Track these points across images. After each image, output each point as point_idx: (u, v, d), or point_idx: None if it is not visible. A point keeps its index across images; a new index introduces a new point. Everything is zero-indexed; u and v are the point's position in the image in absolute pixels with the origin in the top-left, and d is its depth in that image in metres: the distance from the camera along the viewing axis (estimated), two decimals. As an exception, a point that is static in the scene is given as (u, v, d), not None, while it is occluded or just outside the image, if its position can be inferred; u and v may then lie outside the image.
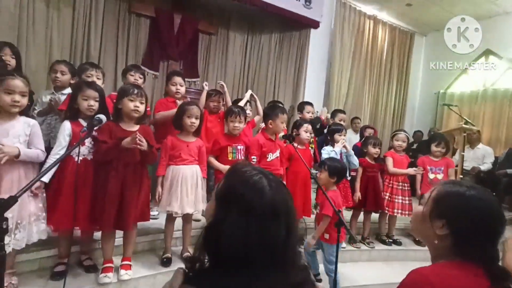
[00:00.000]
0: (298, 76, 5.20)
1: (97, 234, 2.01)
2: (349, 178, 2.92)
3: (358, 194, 2.90)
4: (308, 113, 3.35)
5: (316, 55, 5.25)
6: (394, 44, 6.05)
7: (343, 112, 3.94)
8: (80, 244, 2.03)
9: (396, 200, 2.95)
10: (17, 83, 1.62)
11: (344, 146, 2.79)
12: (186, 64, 4.95)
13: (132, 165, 1.86)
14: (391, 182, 3.01)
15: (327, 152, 2.80)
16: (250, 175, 0.70)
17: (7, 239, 1.55)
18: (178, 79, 2.75)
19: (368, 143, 2.97)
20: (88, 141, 1.87)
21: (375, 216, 3.10)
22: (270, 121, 2.50)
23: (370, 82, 5.85)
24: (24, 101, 1.66)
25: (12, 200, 0.97)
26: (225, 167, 2.25)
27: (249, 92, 3.30)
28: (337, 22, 5.28)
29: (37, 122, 1.76)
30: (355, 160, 2.83)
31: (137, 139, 1.73)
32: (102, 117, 1.65)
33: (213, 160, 2.37)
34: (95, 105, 1.89)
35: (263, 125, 2.83)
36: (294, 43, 5.24)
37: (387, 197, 2.97)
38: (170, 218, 2.19)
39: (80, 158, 1.82)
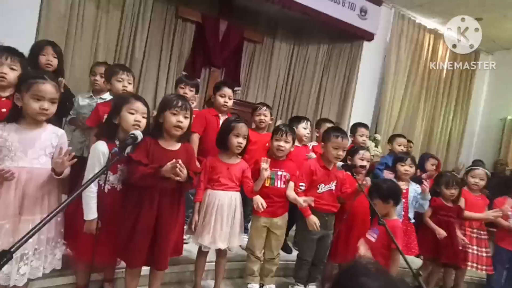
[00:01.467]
0: (346, 91, 4.80)
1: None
2: (413, 221, 2.46)
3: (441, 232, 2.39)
4: (361, 136, 2.94)
5: (367, 70, 4.82)
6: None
7: (402, 136, 3.43)
8: (104, 272, 1.79)
9: (470, 251, 2.45)
10: (47, 88, 1.42)
11: (422, 188, 2.34)
12: (228, 72, 4.76)
13: (169, 192, 1.59)
14: (463, 228, 2.50)
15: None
16: None
17: (23, 268, 1.36)
18: (228, 91, 2.49)
19: (441, 183, 2.47)
20: (121, 169, 1.60)
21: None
22: (322, 144, 2.15)
23: (426, 103, 5.29)
24: (53, 108, 1.46)
25: (5, 255, 0.72)
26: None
27: None
28: (393, 35, 4.83)
29: (65, 133, 1.56)
30: (426, 205, 2.39)
31: (177, 168, 1.45)
32: (138, 133, 1.42)
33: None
34: (142, 121, 1.62)
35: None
36: (344, 55, 4.86)
37: (461, 248, 2.45)
38: (204, 251, 1.90)
39: (108, 187, 1.57)
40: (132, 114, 1.59)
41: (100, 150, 1.51)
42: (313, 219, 2.00)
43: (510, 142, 5.32)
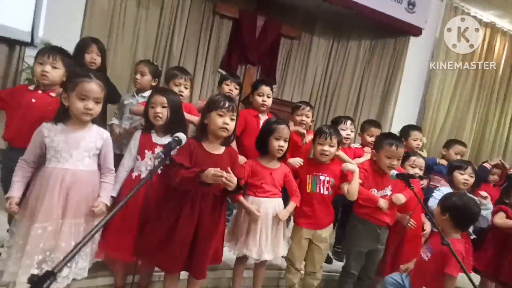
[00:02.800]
0: (389, 90, 4.52)
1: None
2: (473, 237, 2.22)
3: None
4: (415, 140, 2.69)
5: (413, 67, 4.50)
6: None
7: (462, 143, 3.07)
8: (140, 277, 1.76)
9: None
10: (92, 87, 1.40)
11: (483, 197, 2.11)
12: (264, 69, 4.64)
13: (211, 198, 1.52)
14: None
15: (440, 195, 2.15)
16: None
17: (66, 271, 1.35)
18: (266, 89, 2.38)
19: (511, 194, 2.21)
20: (148, 157, 1.62)
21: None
22: (374, 152, 1.97)
23: (478, 104, 4.84)
24: (98, 108, 1.44)
25: (49, 276, 0.66)
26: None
27: None
28: (444, 29, 4.44)
29: (109, 135, 1.53)
30: (489, 217, 2.13)
31: (223, 177, 1.37)
32: (181, 136, 1.35)
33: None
34: (163, 112, 1.63)
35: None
36: (388, 52, 4.56)
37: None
38: (243, 258, 1.82)
39: (136, 174, 1.63)
40: (153, 107, 1.64)
41: (134, 135, 1.70)
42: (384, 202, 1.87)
43: None
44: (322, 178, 1.92)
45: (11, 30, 2.97)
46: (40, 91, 1.71)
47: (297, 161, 1.84)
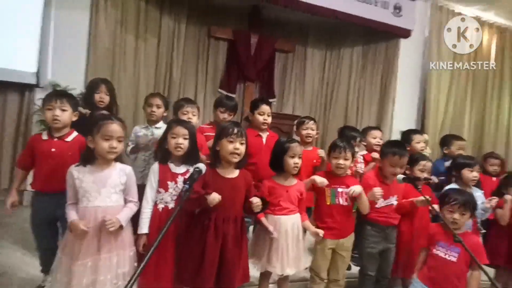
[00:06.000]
0: (386, 92, 4.63)
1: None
2: (483, 231, 2.28)
3: None
4: (418, 143, 2.74)
5: (407, 68, 4.62)
6: (504, 49, 5.06)
7: (459, 138, 3.16)
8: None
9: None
10: (115, 128, 1.51)
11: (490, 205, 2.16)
12: (263, 84, 4.78)
13: (232, 220, 1.60)
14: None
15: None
16: None
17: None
18: (266, 108, 2.46)
19: (510, 185, 2.27)
20: (172, 187, 1.70)
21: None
22: (379, 159, 2.06)
23: (474, 96, 4.94)
24: (121, 146, 1.55)
25: None
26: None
27: None
28: (432, 28, 4.60)
29: (132, 170, 1.63)
30: (488, 213, 2.21)
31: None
32: (202, 166, 1.44)
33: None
34: (184, 143, 1.72)
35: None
36: (380, 55, 4.69)
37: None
38: (267, 273, 1.88)
39: (162, 206, 1.69)
40: (174, 138, 1.71)
41: (154, 169, 1.72)
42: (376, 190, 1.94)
43: None
44: (340, 190, 1.97)
45: (20, 74, 3.11)
46: (56, 139, 1.81)
47: (325, 182, 1.91)
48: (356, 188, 1.89)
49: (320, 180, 1.90)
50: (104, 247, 1.46)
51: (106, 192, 1.50)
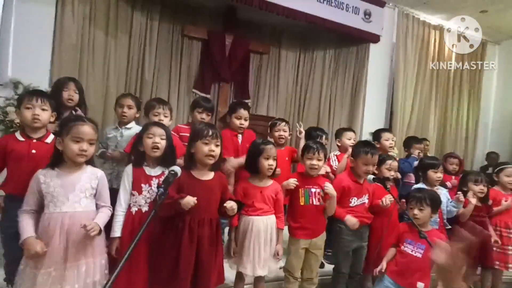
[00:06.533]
0: (356, 95, 4.79)
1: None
2: (449, 227, 2.42)
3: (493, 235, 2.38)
4: (387, 140, 2.90)
5: (376, 71, 4.81)
6: (463, 55, 5.41)
7: (419, 141, 3.34)
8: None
9: (511, 253, 2.39)
10: (86, 130, 1.45)
11: (459, 200, 2.30)
12: (237, 85, 4.78)
13: (207, 223, 1.59)
14: (498, 228, 2.46)
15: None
16: None
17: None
18: (244, 113, 2.49)
19: (468, 180, 2.43)
20: (146, 190, 1.67)
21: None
22: (352, 159, 2.14)
23: (437, 99, 5.24)
24: (92, 149, 1.49)
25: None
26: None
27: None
28: (399, 35, 4.82)
29: (104, 174, 1.57)
30: (455, 211, 2.36)
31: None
32: (177, 169, 1.42)
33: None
34: (161, 143, 1.71)
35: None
36: (351, 59, 4.86)
37: (495, 249, 2.42)
38: (241, 275, 1.89)
39: (135, 209, 1.66)
40: (150, 138, 1.69)
41: (126, 171, 1.69)
42: (351, 219, 1.99)
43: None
44: (313, 190, 2.03)
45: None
46: (35, 140, 1.72)
47: (291, 183, 1.94)
48: (330, 187, 1.94)
49: (286, 182, 1.93)
50: (71, 255, 1.39)
51: (75, 197, 1.44)
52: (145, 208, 1.65)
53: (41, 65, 3.15)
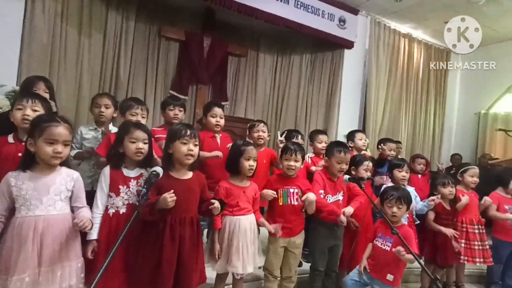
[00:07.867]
0: (332, 98, 4.93)
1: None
2: (418, 222, 2.56)
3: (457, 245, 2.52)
4: (361, 140, 3.01)
5: (350, 76, 4.98)
6: (430, 63, 5.74)
7: (392, 140, 3.49)
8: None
9: (477, 248, 2.54)
10: (61, 131, 1.39)
11: (433, 200, 2.42)
12: (215, 87, 4.79)
13: (188, 222, 1.59)
14: (464, 225, 2.62)
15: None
16: None
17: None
18: (218, 110, 2.50)
19: (437, 184, 2.55)
20: (124, 191, 1.64)
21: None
22: (326, 158, 2.22)
23: (407, 103, 5.51)
24: (67, 151, 1.44)
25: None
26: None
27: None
28: (372, 41, 5.03)
29: (80, 175, 1.52)
30: (425, 211, 2.50)
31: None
32: (159, 170, 1.41)
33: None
34: (145, 147, 1.67)
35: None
36: (327, 64, 5.00)
37: (463, 245, 2.56)
38: (223, 275, 1.89)
39: (112, 211, 1.61)
40: (134, 143, 1.65)
41: (103, 172, 1.65)
42: (343, 218, 2.05)
43: (486, 135, 5.62)
44: (291, 190, 2.08)
45: None
46: (23, 143, 1.62)
47: (269, 193, 1.99)
48: (310, 196, 1.98)
49: (265, 192, 1.99)
50: (45, 259, 1.33)
51: (49, 200, 1.38)
52: (122, 210, 1.61)
53: (9, 63, 3.00)
